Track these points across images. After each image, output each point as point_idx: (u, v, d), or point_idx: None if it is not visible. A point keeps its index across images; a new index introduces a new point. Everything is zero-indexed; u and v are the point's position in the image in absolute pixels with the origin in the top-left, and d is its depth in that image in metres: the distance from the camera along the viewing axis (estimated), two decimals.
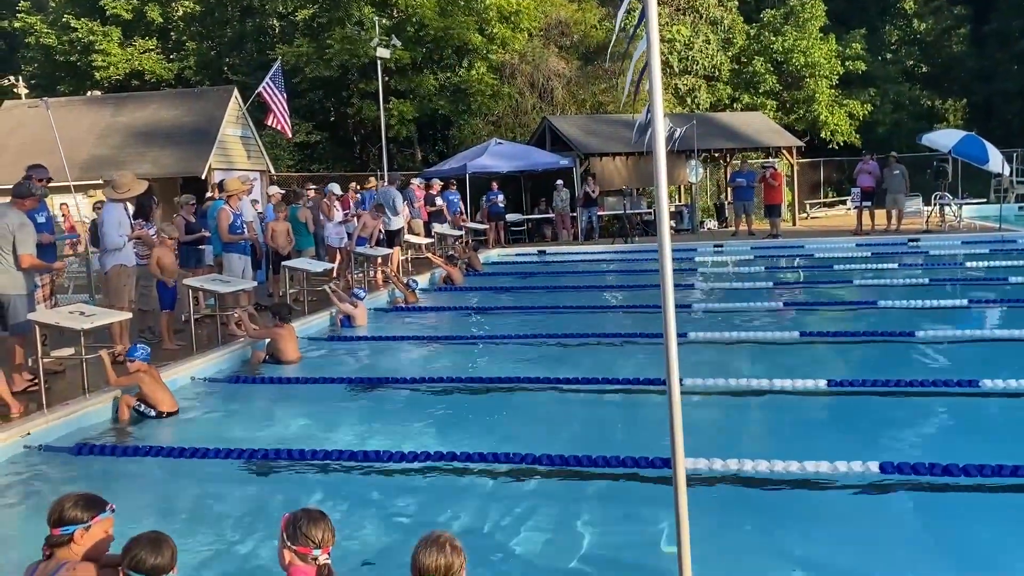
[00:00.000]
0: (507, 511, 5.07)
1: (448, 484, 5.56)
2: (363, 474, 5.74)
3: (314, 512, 3.09)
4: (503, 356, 9.23)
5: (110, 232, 8.79)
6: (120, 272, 8.95)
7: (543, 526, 4.89)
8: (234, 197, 10.66)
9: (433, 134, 29.36)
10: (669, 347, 2.50)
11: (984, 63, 34.20)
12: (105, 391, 7.41)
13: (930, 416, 6.81)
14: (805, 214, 27.16)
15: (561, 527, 4.85)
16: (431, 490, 5.49)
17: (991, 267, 14.42)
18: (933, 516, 4.92)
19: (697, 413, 6.94)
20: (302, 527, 3.01)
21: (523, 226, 23.63)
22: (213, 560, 4.50)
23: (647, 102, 15.06)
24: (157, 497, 5.59)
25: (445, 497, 5.35)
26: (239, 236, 10.58)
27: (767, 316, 10.94)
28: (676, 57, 28.44)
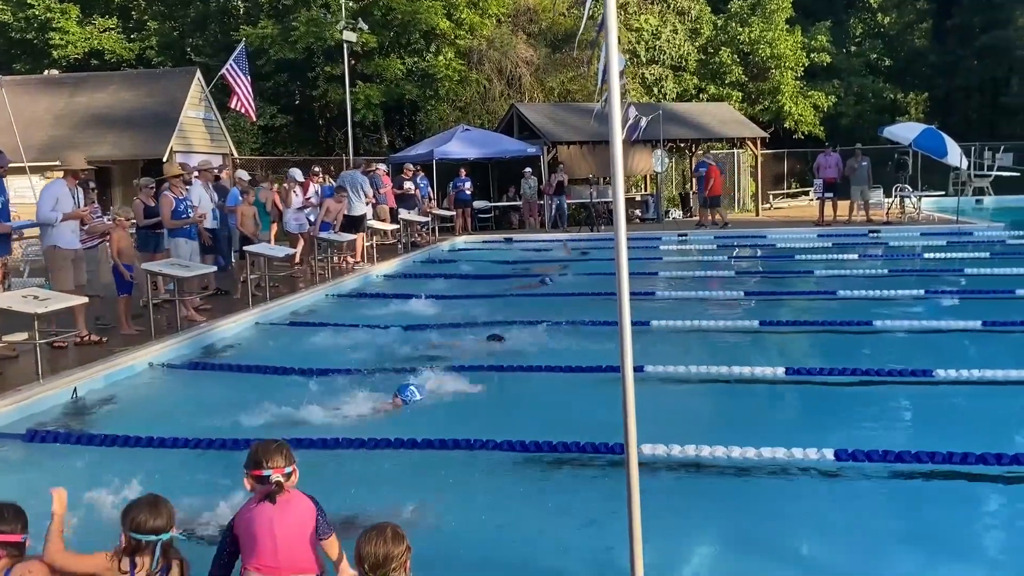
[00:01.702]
0: (459, 497, 5.05)
1: (413, 470, 5.55)
2: (328, 460, 5.70)
3: (269, 441, 3.35)
4: (469, 342, 9.22)
5: (42, 207, 8.61)
6: (53, 254, 8.73)
7: (497, 512, 4.89)
8: (177, 182, 10.45)
9: (400, 119, 29.15)
10: (624, 335, 2.51)
11: (945, 58, 34.75)
12: (60, 377, 7.28)
13: (885, 404, 6.93)
14: (769, 204, 27.44)
15: (519, 512, 4.87)
16: (392, 476, 5.48)
17: (948, 258, 14.70)
18: (887, 502, 5.02)
19: (657, 400, 7.00)
20: (256, 453, 3.25)
21: (490, 213, 23.59)
22: None
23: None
24: (111, 485, 5.50)
25: (402, 483, 5.34)
26: (182, 221, 10.36)
27: (728, 305, 11.05)
28: (643, 47, 28.50)
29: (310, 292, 12.37)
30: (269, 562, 3.13)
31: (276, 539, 3.13)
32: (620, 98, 13.84)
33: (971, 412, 6.60)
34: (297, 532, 3.18)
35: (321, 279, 13.20)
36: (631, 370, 2.57)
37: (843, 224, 19.85)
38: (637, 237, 19.41)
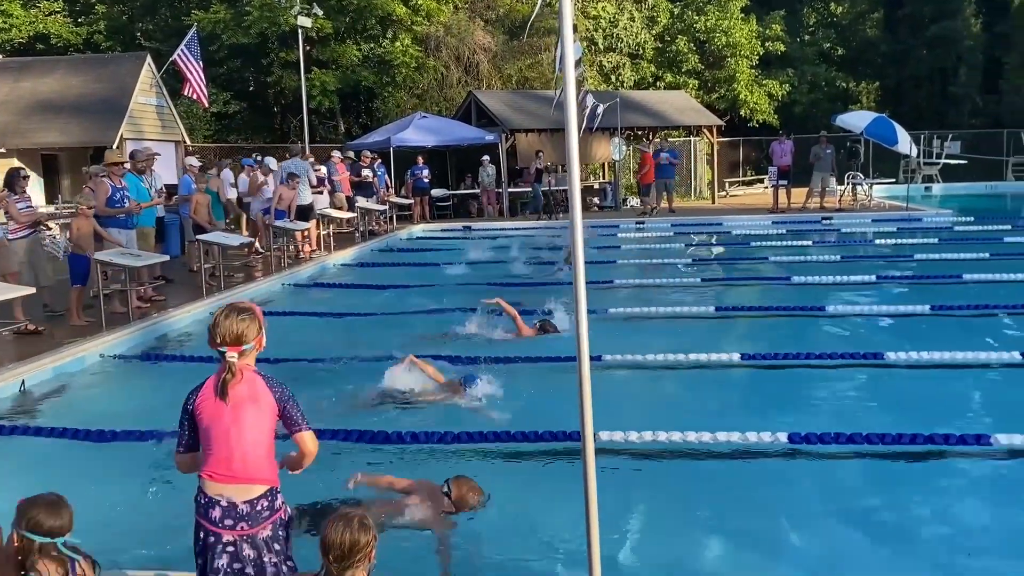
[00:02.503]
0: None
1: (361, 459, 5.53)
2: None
3: (234, 306, 3.08)
4: (427, 331, 9.17)
5: None
6: None
7: None
8: (115, 170, 10.19)
9: (356, 106, 28.86)
10: (580, 322, 2.51)
11: (896, 47, 35.35)
12: (8, 369, 7.10)
13: (838, 387, 7.07)
14: (724, 192, 27.73)
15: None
16: (345, 466, 5.44)
17: (898, 244, 15.01)
18: (841, 483, 5.12)
19: (615, 387, 7.07)
20: (215, 318, 3.02)
21: (449, 201, 23.48)
22: (114, 542, 4.37)
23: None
24: (58, 478, 5.38)
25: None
26: (116, 210, 10.08)
27: (684, 291, 11.14)
28: (601, 34, 28.54)
29: (266, 281, 12.21)
30: (223, 470, 2.93)
31: (231, 445, 2.94)
32: (577, 86, 13.82)
33: (921, 394, 6.76)
34: (256, 436, 2.96)
35: (277, 268, 13.04)
36: (587, 358, 2.57)
37: (797, 211, 20.15)
38: (595, 225, 19.52)
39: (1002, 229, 16.23)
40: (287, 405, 3.03)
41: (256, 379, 3.03)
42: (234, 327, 2.96)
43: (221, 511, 2.94)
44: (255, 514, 2.95)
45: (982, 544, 4.18)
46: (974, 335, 8.30)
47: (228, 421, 2.95)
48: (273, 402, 3.01)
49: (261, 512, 2.96)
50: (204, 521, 2.96)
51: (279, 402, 3.02)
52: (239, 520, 2.93)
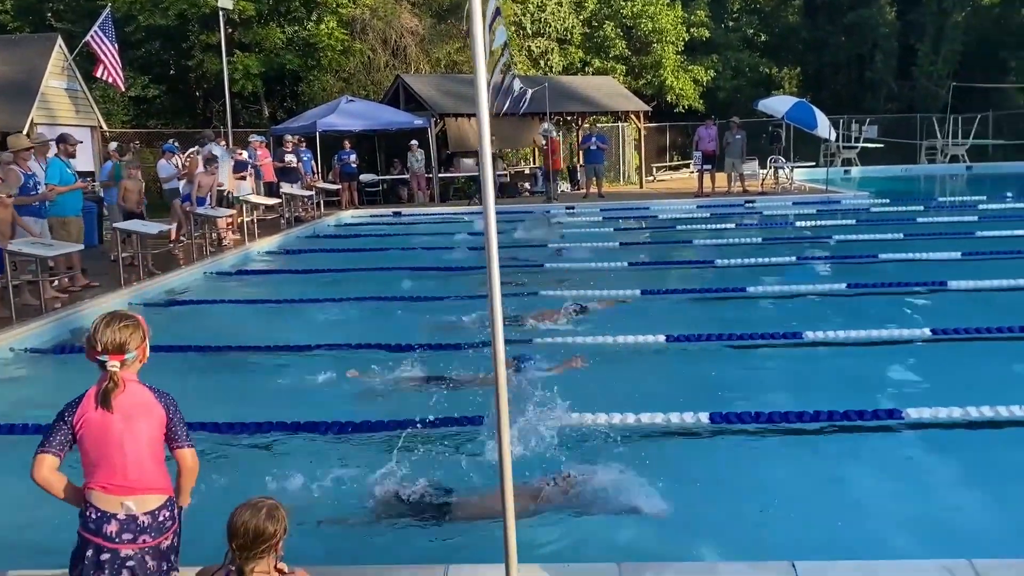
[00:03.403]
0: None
1: (295, 452, 5.45)
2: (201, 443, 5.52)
3: (116, 313, 2.95)
4: (350, 320, 9.08)
5: None
6: None
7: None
8: (27, 155, 9.77)
9: (281, 90, 28.25)
10: (494, 308, 2.51)
11: (816, 34, 36.27)
12: None
13: (759, 367, 7.25)
14: (652, 177, 28.09)
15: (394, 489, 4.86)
16: (269, 459, 5.36)
17: (818, 226, 15.44)
18: (760, 460, 5.25)
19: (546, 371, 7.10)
20: (94, 326, 2.88)
21: (378, 187, 23.22)
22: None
23: (497, 62, 14.96)
24: None
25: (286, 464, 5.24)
26: (30, 198, 9.68)
27: (612, 275, 11.26)
28: (529, 19, 28.51)
29: (188, 270, 11.89)
30: (119, 481, 2.80)
31: (127, 455, 2.81)
32: (506, 70, 13.77)
33: (838, 372, 6.99)
34: (152, 445, 2.85)
35: (199, 256, 12.71)
36: (502, 346, 2.57)
37: (722, 195, 20.55)
38: (526, 210, 19.58)
39: (915, 210, 16.86)
40: (174, 419, 2.92)
41: (143, 389, 2.93)
42: (116, 335, 2.84)
43: (119, 525, 2.80)
44: (158, 525, 2.85)
45: (892, 512, 4.34)
46: (889, 313, 8.60)
47: (120, 431, 2.83)
48: (162, 413, 2.90)
49: (164, 522, 2.87)
50: (95, 538, 2.80)
51: (168, 414, 2.91)
52: (141, 533, 2.81)
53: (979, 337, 7.60)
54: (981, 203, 17.56)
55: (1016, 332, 7.61)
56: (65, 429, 2.86)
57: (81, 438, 2.85)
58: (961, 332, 7.69)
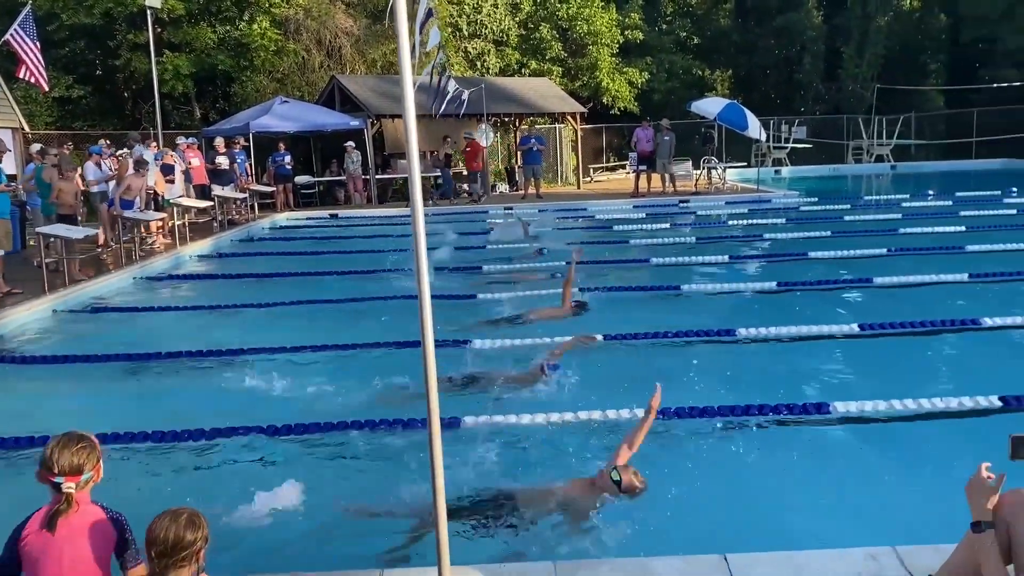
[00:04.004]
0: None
1: (223, 459, 5.35)
2: (121, 454, 5.39)
3: (70, 435, 2.90)
4: (282, 323, 8.96)
5: None
6: None
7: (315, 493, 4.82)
8: None
9: (213, 91, 27.66)
10: (424, 309, 2.50)
11: (747, 37, 37.06)
12: None
13: (692, 363, 7.36)
14: (589, 178, 28.34)
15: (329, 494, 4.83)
16: (204, 466, 5.26)
17: (750, 225, 15.78)
18: (694, 454, 5.34)
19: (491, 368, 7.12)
20: (48, 449, 2.85)
21: (314, 189, 22.92)
22: None
23: (431, 64, 14.90)
24: None
25: (218, 471, 5.15)
26: None
27: (550, 275, 11.30)
28: (465, 20, 28.48)
29: (116, 275, 11.56)
30: None
31: (63, 574, 2.76)
32: (441, 72, 13.74)
33: (766, 367, 7.15)
34: (91, 563, 2.79)
35: (128, 261, 12.36)
36: (431, 346, 2.57)
37: (657, 195, 20.85)
38: (464, 211, 19.57)
39: (842, 208, 17.36)
40: (126, 538, 2.86)
41: (95, 509, 2.87)
42: (73, 458, 2.81)
43: None
44: None
45: (820, 503, 4.47)
46: (818, 309, 8.84)
47: (62, 552, 2.76)
48: (113, 534, 2.85)
49: None
50: None
51: (118, 533, 2.85)
52: None
53: (903, 332, 7.87)
54: (904, 201, 18.17)
55: (938, 326, 7.91)
56: (10, 548, 2.83)
57: (24, 557, 2.80)
58: (887, 327, 7.95)
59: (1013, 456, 2.86)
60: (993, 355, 7.35)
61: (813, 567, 3.45)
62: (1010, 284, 9.90)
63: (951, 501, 3.17)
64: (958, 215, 15.22)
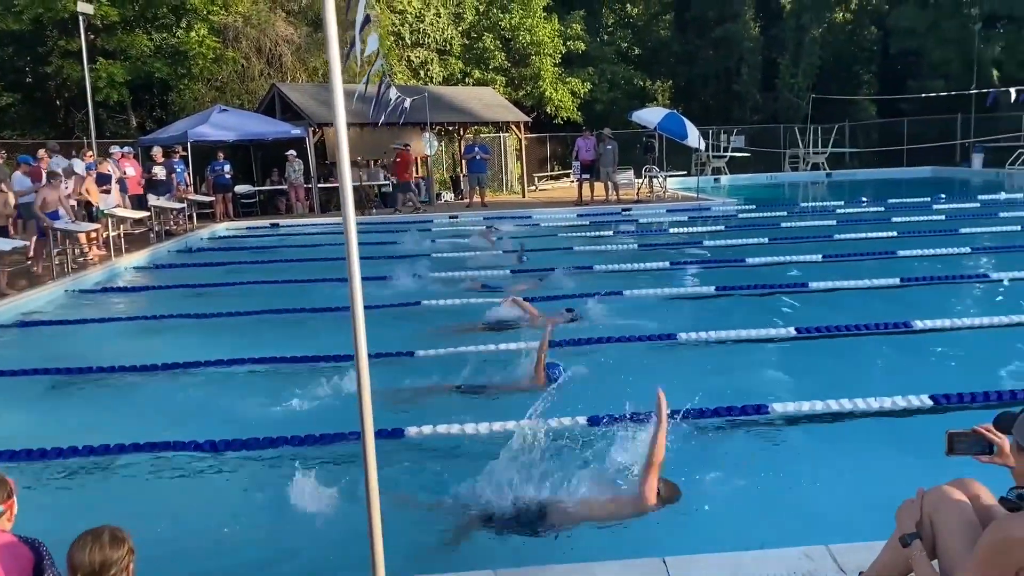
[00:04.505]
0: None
1: (152, 473, 5.22)
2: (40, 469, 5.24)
3: None
4: (220, 335, 8.79)
5: None
6: None
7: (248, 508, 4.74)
8: None
9: (150, 99, 27.06)
10: (356, 320, 2.48)
11: (687, 48, 37.73)
12: None
13: (634, 368, 7.42)
14: (534, 187, 28.48)
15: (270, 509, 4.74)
16: (128, 481, 5.12)
17: (690, 232, 16.02)
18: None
19: (427, 379, 7.09)
20: None
21: (254, 198, 22.57)
22: None
23: (371, 71, 14.77)
24: None
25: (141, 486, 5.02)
26: None
27: (494, 282, 11.32)
28: (408, 29, 28.41)
29: (47, 288, 11.21)
30: None
31: None
32: (381, 79, 13.63)
33: (708, 369, 7.25)
34: None
35: (61, 273, 12.00)
36: (365, 357, 2.54)
37: (600, 203, 21.05)
38: (408, 220, 19.47)
39: (779, 215, 17.75)
40: (43, 564, 2.75)
41: (7, 538, 2.76)
42: None
43: None
44: None
45: (756, 504, 4.53)
46: (755, 313, 9.00)
47: None
48: (28, 558, 2.74)
49: None
50: None
51: (35, 558, 2.75)
52: None
53: (838, 334, 8.07)
54: (839, 208, 18.65)
55: (871, 328, 8.13)
56: None
57: None
58: (821, 330, 8.13)
59: (949, 452, 2.93)
60: (924, 356, 7.57)
61: (750, 567, 3.50)
62: (939, 287, 10.23)
63: (884, 498, 3.25)
64: (890, 221, 15.68)
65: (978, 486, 3.00)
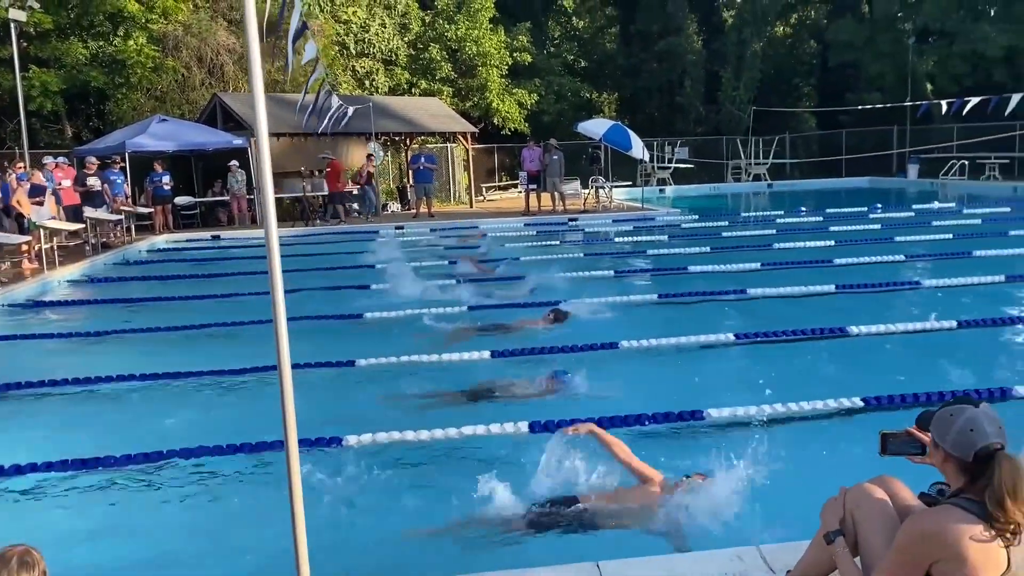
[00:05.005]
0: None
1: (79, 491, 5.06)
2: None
3: None
4: (158, 350, 8.59)
5: None
6: None
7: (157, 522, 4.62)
8: None
9: (86, 109, 26.46)
10: (279, 330, 2.43)
11: (631, 60, 38.24)
12: None
13: (578, 375, 7.44)
14: (482, 197, 28.52)
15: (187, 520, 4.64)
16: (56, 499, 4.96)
17: (635, 241, 16.20)
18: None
19: (376, 388, 7.03)
20: None
21: (195, 210, 22.16)
22: None
23: (309, 79, 14.61)
24: None
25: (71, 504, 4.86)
26: None
27: (440, 292, 11.28)
28: (353, 39, 28.29)
29: None
30: None
31: None
32: (320, 87, 13.49)
33: (650, 376, 7.31)
34: None
35: None
36: (288, 368, 2.50)
37: (547, 213, 21.16)
38: (354, 231, 19.33)
39: (721, 225, 18.05)
40: None
41: None
42: None
43: None
44: None
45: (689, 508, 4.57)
46: (696, 320, 9.11)
47: None
48: None
49: None
50: None
51: None
52: None
53: (776, 340, 8.20)
54: (779, 217, 19.03)
55: (808, 334, 8.28)
56: None
57: None
58: (760, 335, 8.26)
59: (883, 452, 2.98)
60: (858, 360, 7.74)
61: (682, 569, 3.52)
62: (874, 295, 10.48)
63: (816, 498, 3.29)
64: (828, 230, 16.04)
65: (898, 483, 3.07)
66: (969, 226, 16.27)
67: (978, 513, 2.52)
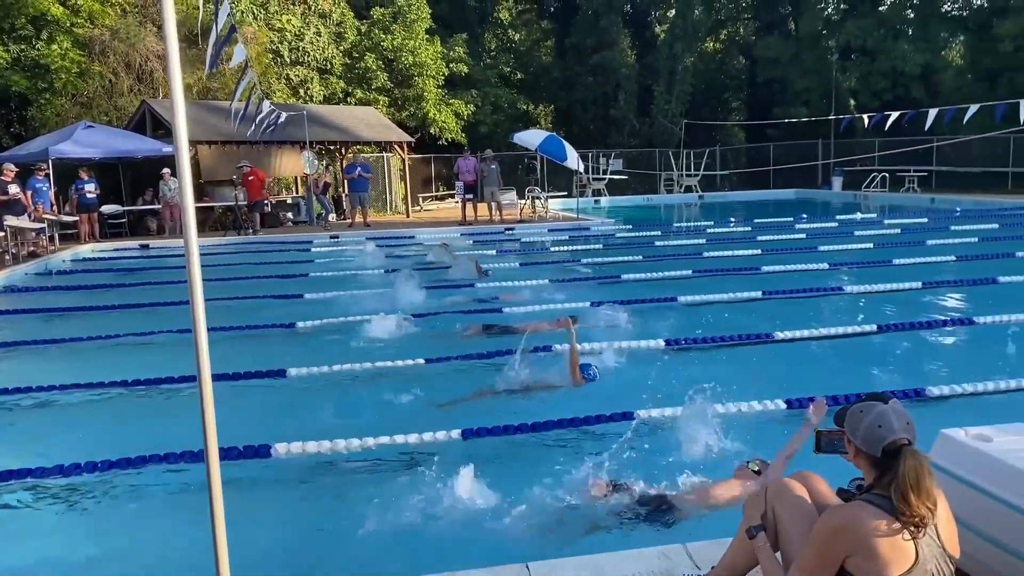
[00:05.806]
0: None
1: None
2: None
3: None
4: (80, 361, 8.35)
5: None
6: None
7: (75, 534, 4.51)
8: None
9: (7, 114, 25.53)
10: (199, 340, 2.41)
11: (567, 73, 38.67)
12: None
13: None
14: (419, 207, 28.44)
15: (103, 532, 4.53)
16: None
17: (571, 251, 16.36)
18: (501, 470, 5.40)
19: (297, 399, 6.95)
20: None
21: (123, 218, 21.59)
22: None
23: (240, 86, 14.37)
24: None
25: None
26: None
27: (373, 300, 11.21)
28: (287, 47, 27.98)
29: None
30: None
31: None
32: (251, 92, 13.29)
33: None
34: None
35: None
36: (208, 378, 2.48)
37: (484, 223, 21.21)
38: (288, 240, 19.08)
39: (654, 235, 18.36)
40: None
41: None
42: None
43: None
44: None
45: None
46: (629, 326, 9.24)
47: None
48: None
49: None
50: None
51: None
52: None
53: (705, 345, 8.39)
54: (709, 227, 19.45)
55: (736, 339, 8.49)
56: None
57: None
58: (690, 341, 8.44)
59: (817, 450, 3.07)
60: (783, 364, 7.96)
61: (610, 569, 3.58)
62: (798, 301, 10.80)
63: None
64: (755, 239, 16.47)
65: (818, 478, 3.18)
66: (889, 236, 16.88)
67: (886, 508, 2.61)
